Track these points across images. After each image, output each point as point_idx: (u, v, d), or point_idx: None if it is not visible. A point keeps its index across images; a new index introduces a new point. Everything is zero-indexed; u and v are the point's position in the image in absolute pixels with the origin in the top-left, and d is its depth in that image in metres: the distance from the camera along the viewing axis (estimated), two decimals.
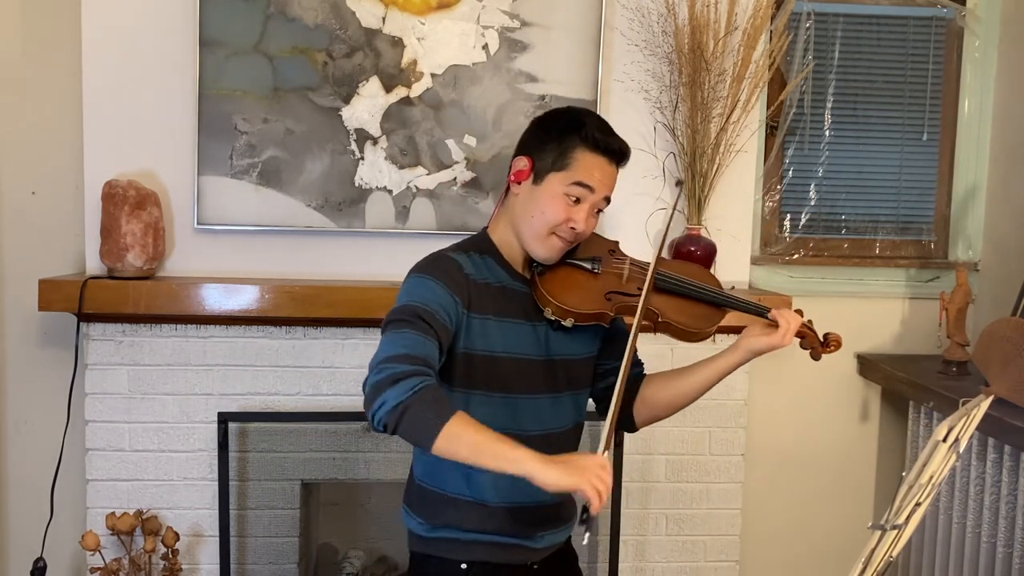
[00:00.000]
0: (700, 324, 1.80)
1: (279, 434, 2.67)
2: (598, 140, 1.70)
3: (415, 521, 1.78)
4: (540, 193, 1.70)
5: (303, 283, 2.57)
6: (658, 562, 2.83)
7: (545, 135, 1.73)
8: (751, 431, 2.90)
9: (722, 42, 2.66)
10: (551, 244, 1.72)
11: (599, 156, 1.70)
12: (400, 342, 1.54)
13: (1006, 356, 2.40)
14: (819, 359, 1.86)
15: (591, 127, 1.71)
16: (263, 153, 2.62)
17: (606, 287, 1.76)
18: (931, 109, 3.12)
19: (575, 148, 1.70)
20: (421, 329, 1.56)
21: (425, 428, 1.45)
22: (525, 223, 1.72)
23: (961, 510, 2.60)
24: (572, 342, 1.79)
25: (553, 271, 1.76)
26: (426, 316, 1.58)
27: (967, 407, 1.30)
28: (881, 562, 1.22)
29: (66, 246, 2.74)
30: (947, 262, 3.11)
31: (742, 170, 2.79)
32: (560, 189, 1.69)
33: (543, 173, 1.71)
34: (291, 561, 2.71)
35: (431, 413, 1.45)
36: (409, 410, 1.45)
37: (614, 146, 1.72)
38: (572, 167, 1.69)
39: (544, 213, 1.70)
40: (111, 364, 2.61)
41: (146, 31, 2.59)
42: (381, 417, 1.47)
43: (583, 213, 1.70)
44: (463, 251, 1.74)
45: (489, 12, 2.66)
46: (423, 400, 1.46)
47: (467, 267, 1.70)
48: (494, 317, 1.70)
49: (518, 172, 1.73)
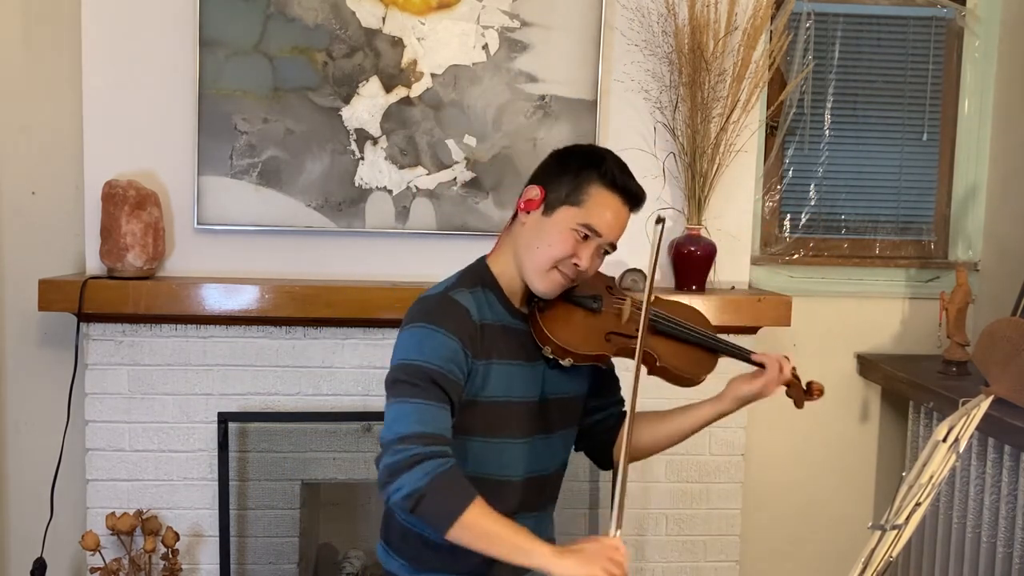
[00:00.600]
0: (695, 369, 1.78)
1: (279, 434, 2.67)
2: (616, 179, 1.66)
3: (397, 563, 1.73)
4: (548, 225, 1.66)
5: (303, 283, 2.57)
6: (658, 562, 2.83)
7: (563, 167, 1.69)
8: (751, 431, 2.90)
9: (722, 42, 2.66)
10: (552, 279, 1.67)
11: (614, 196, 1.66)
12: (414, 416, 1.51)
13: (1006, 356, 2.40)
14: (802, 407, 1.85)
15: (611, 165, 1.67)
16: (263, 153, 2.62)
17: (606, 327, 1.73)
18: (931, 109, 3.12)
19: (591, 184, 1.65)
20: (435, 397, 1.54)
21: (440, 517, 1.46)
22: (529, 254, 1.68)
23: (961, 510, 2.59)
24: (567, 381, 1.76)
25: (553, 307, 1.71)
26: (439, 379, 1.55)
27: (967, 407, 1.30)
28: (881, 562, 1.22)
29: (66, 246, 2.74)
30: (947, 262, 3.11)
31: (742, 170, 2.79)
32: (569, 224, 1.64)
33: (555, 205, 1.66)
34: (291, 561, 2.71)
35: (446, 503, 1.46)
36: (425, 499, 1.46)
37: (632, 188, 1.68)
38: (585, 204, 1.65)
39: (551, 246, 1.65)
40: (111, 364, 2.61)
41: (146, 31, 2.59)
42: (397, 501, 1.48)
43: (589, 251, 1.66)
44: (467, 288, 1.69)
45: (489, 12, 2.66)
46: (439, 488, 1.46)
47: (473, 311, 1.65)
48: (498, 361, 1.66)
49: (528, 201, 1.69)
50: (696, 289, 2.70)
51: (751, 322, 2.71)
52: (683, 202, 2.74)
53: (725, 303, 2.67)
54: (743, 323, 2.70)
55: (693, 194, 2.70)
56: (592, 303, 1.74)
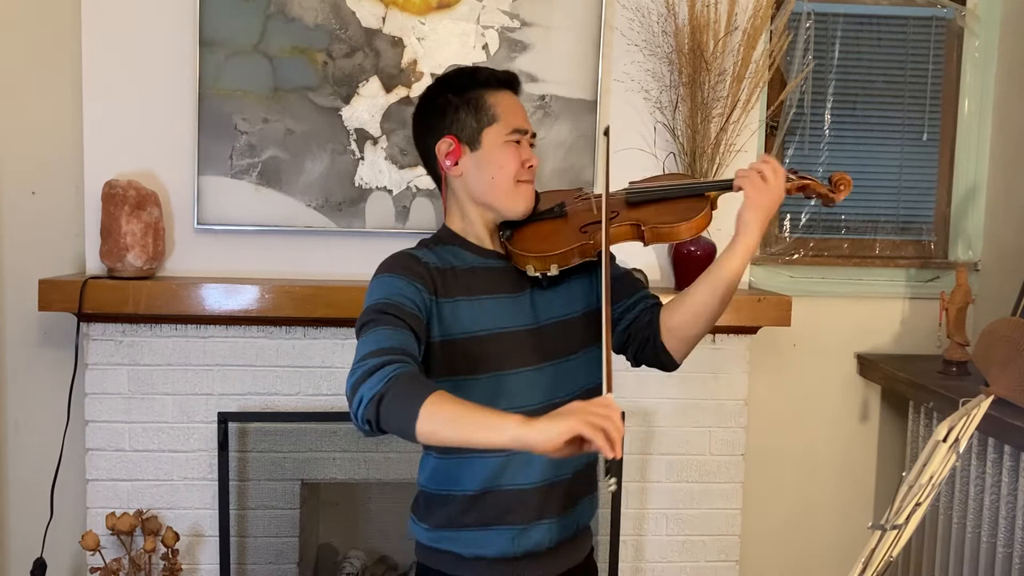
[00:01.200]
0: (688, 214, 1.71)
1: (279, 434, 2.67)
2: (494, 78, 1.69)
3: (420, 528, 1.73)
4: (484, 155, 1.67)
5: (303, 283, 2.57)
6: (658, 562, 2.83)
7: (447, 107, 1.69)
8: (751, 431, 2.90)
9: (722, 42, 2.66)
10: (521, 192, 1.69)
11: (506, 92, 1.70)
12: (371, 340, 1.48)
13: (1006, 356, 2.40)
14: (832, 204, 1.76)
15: (480, 72, 1.70)
16: (263, 153, 2.62)
17: (578, 222, 1.71)
18: (931, 109, 3.12)
19: (485, 98, 1.67)
20: (389, 323, 1.50)
21: (403, 414, 1.35)
22: (488, 188, 1.68)
23: (961, 510, 2.60)
24: (562, 302, 1.72)
25: (521, 231, 1.72)
26: (391, 309, 1.52)
27: (967, 407, 1.29)
28: (881, 562, 1.22)
29: (66, 246, 2.74)
30: (947, 262, 3.11)
31: None
32: (501, 139, 1.66)
33: (476, 136, 1.67)
34: (291, 561, 2.71)
35: (406, 397, 1.36)
36: (384, 399, 1.37)
37: (506, 76, 1.71)
38: (497, 114, 1.67)
39: (502, 167, 1.66)
40: (111, 364, 2.61)
41: (146, 31, 2.59)
42: (362, 414, 1.40)
43: (528, 149, 1.70)
44: (422, 246, 1.71)
45: (489, 12, 2.66)
46: (397, 386, 1.38)
47: (430, 260, 1.65)
48: (466, 298, 1.64)
49: (449, 154, 1.68)
50: None
51: (751, 322, 2.71)
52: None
53: None
54: (743, 323, 2.70)
55: None
56: (556, 210, 1.74)
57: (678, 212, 1.72)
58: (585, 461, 1.73)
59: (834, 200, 1.75)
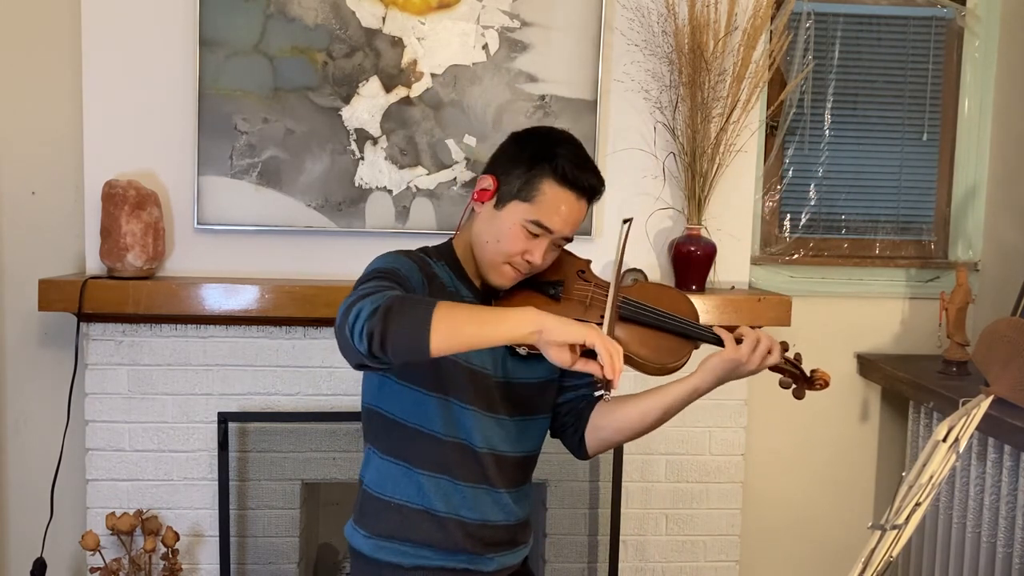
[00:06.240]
0: (664, 358, 1.67)
1: (279, 434, 2.67)
2: (568, 175, 1.60)
3: (360, 535, 1.72)
4: (499, 220, 1.62)
5: (303, 283, 2.57)
6: (658, 562, 2.83)
7: (517, 157, 1.64)
8: (751, 431, 2.90)
9: (722, 42, 2.66)
10: (504, 272, 1.64)
11: (567, 192, 1.61)
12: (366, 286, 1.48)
13: (1006, 356, 2.40)
14: (802, 397, 1.74)
15: (564, 159, 1.61)
16: (263, 153, 2.62)
17: (571, 313, 1.65)
18: (931, 109, 3.12)
19: (543, 180, 1.60)
20: (387, 282, 1.49)
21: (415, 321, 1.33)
22: (481, 247, 1.65)
23: (961, 510, 2.60)
24: (529, 367, 1.70)
25: (511, 295, 1.67)
26: (391, 275, 1.52)
27: (967, 407, 1.29)
28: (881, 562, 1.22)
29: (66, 246, 2.74)
30: (947, 262, 3.11)
31: (742, 170, 2.79)
32: (520, 220, 1.60)
33: (506, 199, 1.62)
34: (291, 561, 2.71)
35: (414, 304, 1.35)
36: (392, 309, 1.34)
37: (584, 183, 1.62)
38: (536, 200, 1.60)
39: (500, 242, 1.62)
40: (111, 364, 2.61)
41: (146, 31, 2.59)
42: (361, 329, 1.35)
43: (542, 247, 1.62)
44: (424, 251, 1.70)
45: (489, 12, 2.66)
46: (402, 299, 1.36)
47: (429, 264, 1.65)
48: None
49: (481, 192, 1.65)
50: (696, 289, 2.70)
51: (751, 322, 2.70)
52: (683, 202, 2.74)
53: (725, 303, 2.67)
54: (743, 323, 2.70)
55: (693, 194, 2.70)
56: (551, 290, 1.68)
57: (659, 350, 1.67)
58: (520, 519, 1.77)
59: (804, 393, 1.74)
